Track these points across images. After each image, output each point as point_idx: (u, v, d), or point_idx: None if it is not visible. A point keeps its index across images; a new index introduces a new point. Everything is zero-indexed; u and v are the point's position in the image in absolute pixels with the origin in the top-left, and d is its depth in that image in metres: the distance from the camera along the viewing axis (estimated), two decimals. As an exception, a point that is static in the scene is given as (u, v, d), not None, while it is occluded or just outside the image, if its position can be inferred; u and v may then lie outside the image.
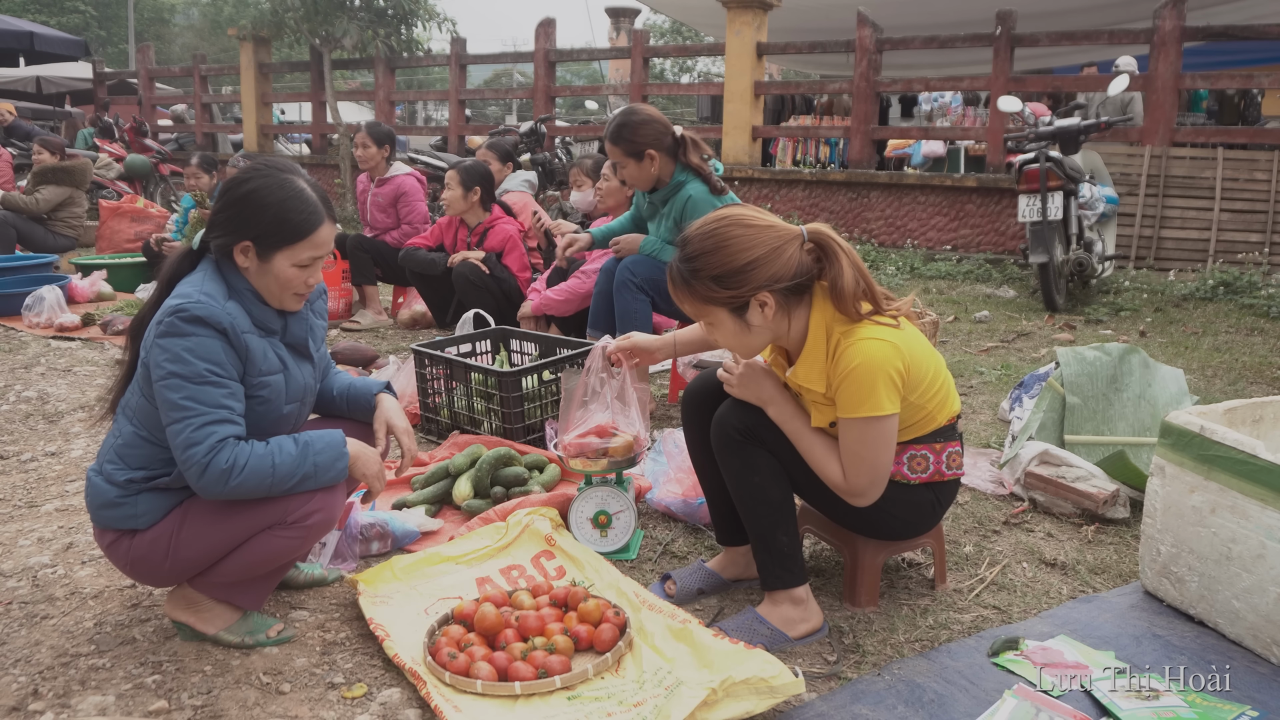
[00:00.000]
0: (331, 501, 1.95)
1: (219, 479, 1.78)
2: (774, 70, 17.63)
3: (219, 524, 1.89)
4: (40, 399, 3.97)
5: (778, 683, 1.71)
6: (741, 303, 1.85)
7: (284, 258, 1.91)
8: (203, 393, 1.80)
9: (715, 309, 1.89)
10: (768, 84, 9.86)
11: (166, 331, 1.82)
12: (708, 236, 1.86)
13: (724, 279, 1.84)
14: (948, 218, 8.41)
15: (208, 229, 1.95)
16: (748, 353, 1.98)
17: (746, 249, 1.83)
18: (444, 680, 1.85)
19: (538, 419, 3.26)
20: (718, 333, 1.93)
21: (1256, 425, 2.32)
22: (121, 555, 1.93)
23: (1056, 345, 4.47)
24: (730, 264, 1.83)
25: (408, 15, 11.43)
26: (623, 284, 3.53)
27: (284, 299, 1.96)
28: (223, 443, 1.79)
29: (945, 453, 2.05)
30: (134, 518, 1.89)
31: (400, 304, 5.87)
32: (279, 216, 1.89)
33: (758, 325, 1.89)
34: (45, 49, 13.70)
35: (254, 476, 1.80)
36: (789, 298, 1.89)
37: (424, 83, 26.41)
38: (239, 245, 1.90)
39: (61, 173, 7.64)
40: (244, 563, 1.93)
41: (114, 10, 31.47)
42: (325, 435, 1.91)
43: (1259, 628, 1.96)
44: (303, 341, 2.06)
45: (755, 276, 1.83)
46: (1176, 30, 7.36)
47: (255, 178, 1.92)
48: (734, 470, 2.01)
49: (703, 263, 1.85)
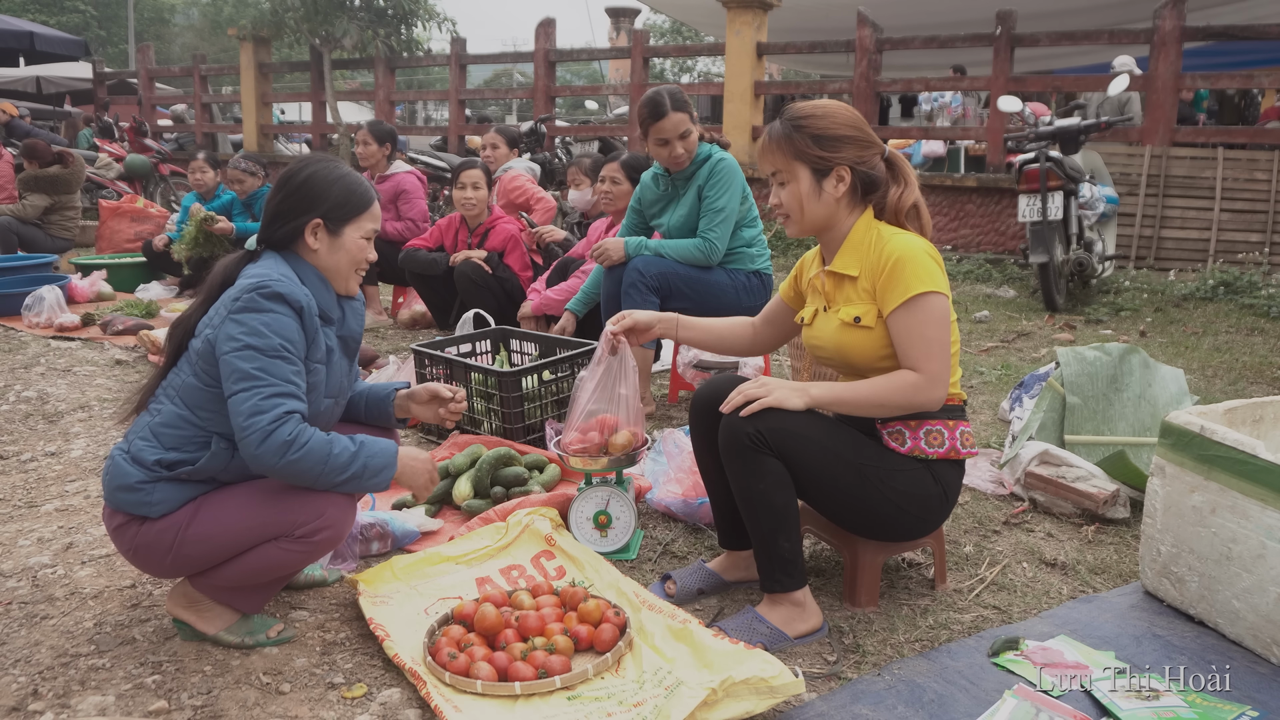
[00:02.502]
0: (341, 519, 1.96)
1: (277, 451, 1.80)
2: (774, 70, 17.64)
3: (226, 528, 1.89)
4: (40, 399, 3.97)
5: (778, 683, 1.71)
6: (826, 167, 2.03)
7: (353, 229, 2.03)
8: (275, 366, 1.84)
9: (801, 166, 2.05)
10: (768, 84, 9.87)
11: (246, 307, 1.85)
12: (818, 105, 2.07)
13: (822, 140, 2.03)
14: (948, 218, 8.42)
15: (269, 222, 2.01)
16: (803, 220, 2.08)
17: (849, 125, 2.04)
18: (444, 680, 1.85)
19: (538, 419, 3.26)
20: (789, 191, 2.07)
21: (1256, 425, 2.32)
22: (127, 540, 1.93)
23: (1056, 345, 4.47)
24: (832, 130, 2.03)
25: (408, 15, 11.44)
26: (631, 285, 3.49)
27: (350, 277, 2.06)
28: (289, 415, 1.82)
29: (959, 430, 2.07)
30: (148, 505, 1.88)
31: (400, 304, 5.87)
32: (344, 191, 2.02)
33: (827, 194, 2.05)
34: (45, 49, 13.69)
35: (310, 458, 1.82)
36: (856, 190, 2.07)
37: (424, 83, 26.42)
38: (310, 225, 1.98)
39: (45, 181, 7.63)
40: (246, 570, 1.93)
41: (114, 10, 31.47)
42: (380, 442, 1.95)
43: (1259, 628, 1.96)
44: (356, 335, 2.13)
45: (847, 151, 2.03)
46: (1176, 30, 7.36)
47: (310, 164, 2.04)
48: (739, 475, 2.01)
49: (809, 123, 2.04)
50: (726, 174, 3.53)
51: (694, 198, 3.59)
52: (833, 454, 2.00)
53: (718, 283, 3.56)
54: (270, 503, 1.90)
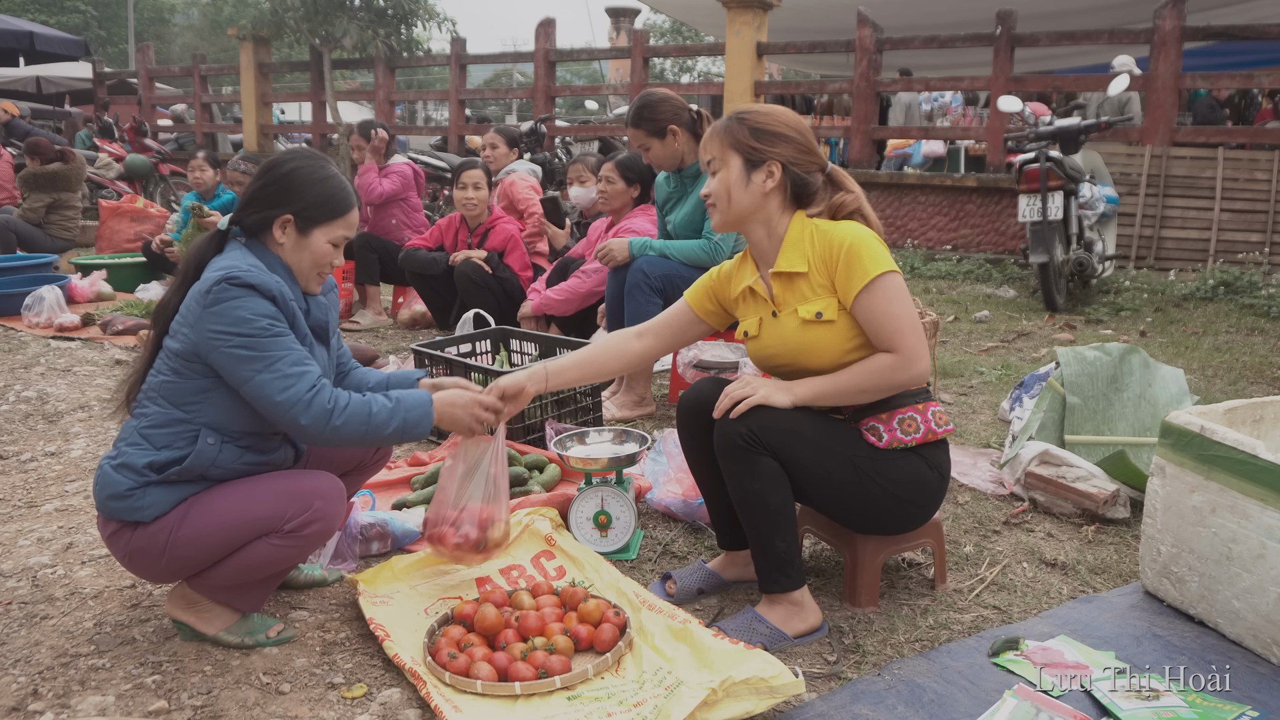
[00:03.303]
0: (329, 511, 1.96)
1: (323, 417, 1.81)
2: (774, 70, 17.64)
3: (216, 527, 1.89)
4: (40, 399, 3.97)
5: (778, 683, 1.71)
6: (759, 159, 2.07)
7: (322, 233, 2.00)
8: (277, 343, 1.84)
9: (734, 155, 2.09)
10: (768, 84, 9.87)
11: (218, 299, 1.83)
12: (766, 106, 2.15)
13: (759, 133, 2.08)
14: (948, 218, 8.41)
15: (243, 206, 2.00)
16: (728, 209, 2.11)
17: (790, 126, 2.09)
18: (444, 680, 1.85)
19: (538, 419, 3.26)
20: (719, 179, 2.11)
21: (1256, 425, 2.32)
22: (121, 546, 1.93)
23: (1056, 345, 4.47)
24: (771, 127, 2.08)
25: (408, 15, 11.44)
26: (635, 285, 3.48)
27: (311, 278, 2.04)
28: (320, 381, 1.83)
29: (929, 410, 2.08)
30: (139, 510, 1.88)
31: (400, 304, 5.87)
32: (322, 194, 2.00)
33: (755, 186, 2.08)
34: (45, 49, 13.69)
35: (354, 419, 1.85)
36: (787, 192, 2.11)
37: (424, 83, 26.40)
38: (280, 219, 1.96)
39: (45, 178, 7.63)
40: (240, 567, 1.93)
41: (114, 10, 31.46)
42: (413, 394, 1.99)
43: (1259, 628, 1.96)
44: (323, 324, 2.11)
45: (781, 148, 2.07)
46: (1176, 30, 7.36)
47: (297, 159, 2.02)
48: (734, 475, 2.01)
49: (751, 117, 2.10)
50: None
51: (697, 196, 3.59)
52: (827, 450, 2.00)
53: None
54: (258, 499, 1.90)
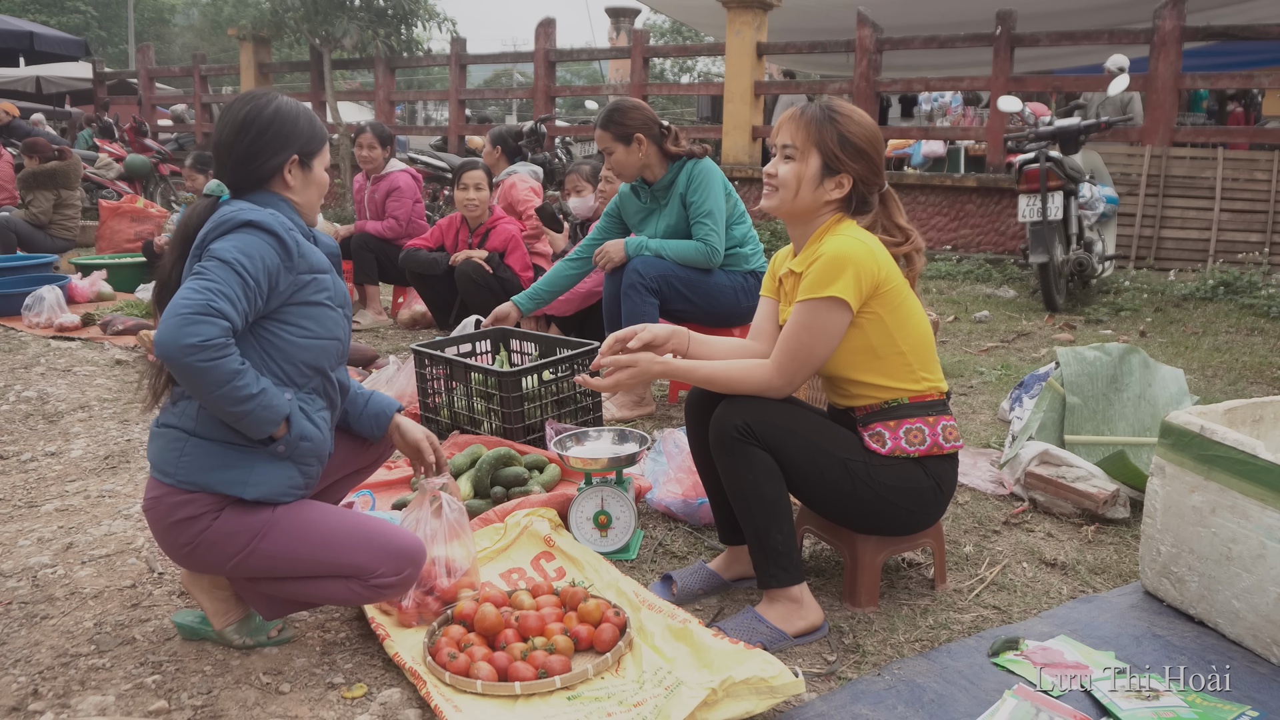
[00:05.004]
0: (414, 578, 1.99)
1: (184, 343, 1.65)
2: (774, 70, 17.64)
3: (304, 553, 1.86)
4: (40, 399, 3.97)
5: (778, 683, 1.71)
6: (836, 168, 2.08)
7: (319, 162, 1.99)
8: (230, 277, 1.73)
9: (816, 154, 2.09)
10: (768, 84, 9.87)
11: (219, 235, 1.78)
12: (856, 111, 2.14)
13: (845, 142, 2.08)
14: (948, 218, 8.41)
15: (239, 165, 1.89)
16: (792, 200, 2.11)
17: (872, 145, 2.10)
18: (444, 680, 1.85)
19: (538, 419, 3.26)
20: (793, 168, 2.11)
21: (1256, 425, 2.32)
22: (192, 533, 1.81)
23: (1056, 345, 4.47)
24: (857, 139, 2.08)
25: (408, 15, 11.43)
26: (631, 286, 3.48)
27: (315, 210, 2.01)
28: (217, 316, 1.68)
29: (940, 425, 2.08)
30: (243, 485, 1.81)
31: (400, 304, 5.87)
32: (310, 124, 1.96)
33: (822, 191, 2.09)
34: (45, 49, 13.68)
35: (215, 372, 1.68)
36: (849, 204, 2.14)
37: (424, 83, 26.38)
38: (289, 162, 1.92)
39: (45, 176, 7.63)
40: (304, 591, 1.93)
41: (114, 10, 31.47)
42: (279, 397, 1.82)
43: (1259, 628, 1.96)
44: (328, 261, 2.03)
45: (859, 165, 2.08)
46: (1176, 30, 7.36)
47: (266, 98, 1.93)
48: (728, 467, 2.02)
49: (843, 121, 2.09)
50: (705, 176, 3.53)
51: (678, 207, 3.59)
52: (821, 450, 2.01)
53: (717, 284, 3.56)
54: (356, 545, 1.89)
